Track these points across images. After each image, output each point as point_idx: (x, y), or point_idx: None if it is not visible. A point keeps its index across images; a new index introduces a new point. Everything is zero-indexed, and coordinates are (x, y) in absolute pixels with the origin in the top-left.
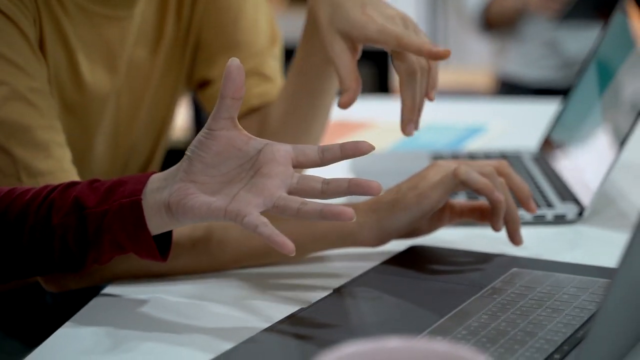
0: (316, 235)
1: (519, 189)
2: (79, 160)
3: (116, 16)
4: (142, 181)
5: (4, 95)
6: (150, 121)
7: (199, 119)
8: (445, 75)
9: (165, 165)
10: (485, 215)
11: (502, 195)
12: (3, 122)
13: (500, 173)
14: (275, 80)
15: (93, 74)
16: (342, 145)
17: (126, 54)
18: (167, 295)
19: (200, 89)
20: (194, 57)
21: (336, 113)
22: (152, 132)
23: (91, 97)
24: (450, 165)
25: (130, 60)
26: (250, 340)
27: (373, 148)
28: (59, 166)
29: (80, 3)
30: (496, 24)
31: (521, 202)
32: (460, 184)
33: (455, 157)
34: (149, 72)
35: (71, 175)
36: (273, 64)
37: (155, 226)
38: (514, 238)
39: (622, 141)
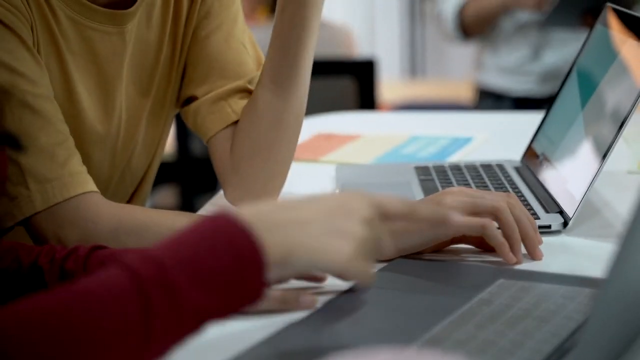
0: None
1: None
2: None
3: (107, 31)
4: None
5: (8, 102)
6: (146, 138)
7: (183, 133)
8: (427, 87)
9: (181, 171)
10: (487, 244)
11: (514, 259)
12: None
13: (510, 206)
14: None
15: (84, 87)
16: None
17: (120, 72)
18: None
19: (183, 105)
20: (182, 77)
21: (320, 127)
22: (148, 148)
23: (83, 109)
24: (469, 200)
25: (126, 80)
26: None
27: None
28: (66, 170)
29: (71, 16)
30: (473, 29)
31: (524, 241)
32: (480, 230)
33: (464, 183)
34: (145, 93)
35: (79, 178)
36: (251, 64)
37: None
38: (534, 255)
39: (605, 151)
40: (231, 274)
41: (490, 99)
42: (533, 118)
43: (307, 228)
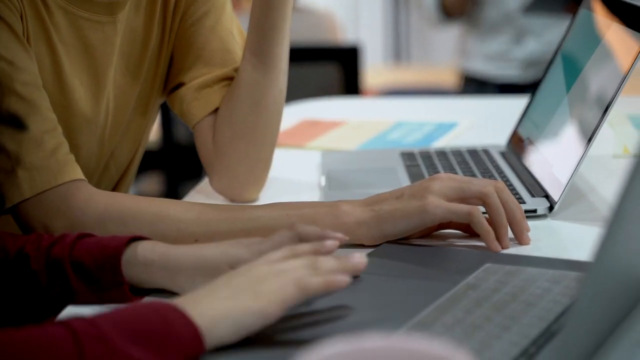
0: None
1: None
2: None
3: (99, 20)
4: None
5: None
6: (132, 126)
7: (167, 121)
8: (411, 72)
9: (167, 159)
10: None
11: (499, 247)
12: None
13: (497, 191)
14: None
15: (75, 76)
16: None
17: (111, 60)
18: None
19: (170, 92)
20: (170, 64)
21: (305, 113)
22: (134, 136)
23: (74, 98)
24: (456, 185)
25: (115, 68)
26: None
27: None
28: (54, 159)
29: (62, 5)
30: (454, 9)
31: (511, 226)
32: (466, 217)
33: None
34: (133, 80)
35: (67, 166)
36: (237, 49)
37: None
38: (521, 240)
39: (590, 136)
40: (160, 330)
41: (474, 85)
42: (518, 103)
43: (217, 294)
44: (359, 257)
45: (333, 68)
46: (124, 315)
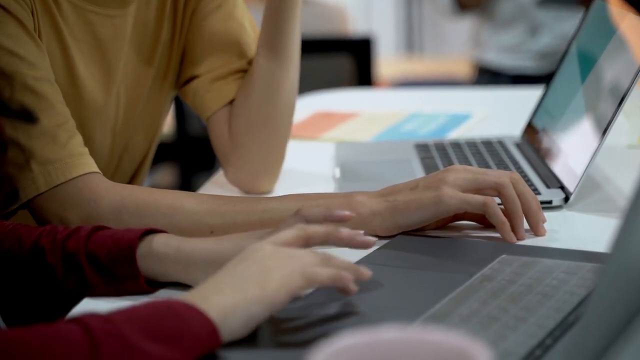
0: None
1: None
2: None
3: (108, 14)
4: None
5: (9, 85)
6: (145, 120)
7: (181, 113)
8: (424, 63)
9: (180, 151)
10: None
11: (515, 238)
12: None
13: (512, 182)
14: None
15: (87, 71)
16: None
17: (121, 54)
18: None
19: (183, 86)
20: (182, 58)
21: (318, 105)
22: (147, 130)
23: (86, 92)
24: (471, 176)
25: (126, 61)
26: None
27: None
28: (68, 151)
29: (72, 0)
30: (468, 2)
31: (527, 217)
32: (481, 208)
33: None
34: (144, 74)
35: (81, 159)
36: (250, 41)
37: None
38: (537, 231)
39: (605, 126)
40: (176, 327)
41: (488, 76)
42: (532, 94)
43: (225, 289)
44: (365, 269)
45: (346, 60)
46: (139, 312)
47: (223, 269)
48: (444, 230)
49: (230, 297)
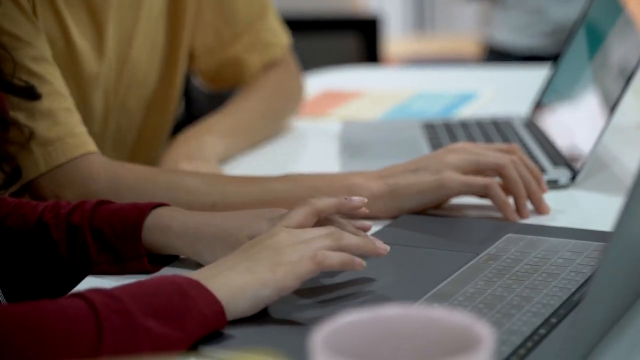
0: None
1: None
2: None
3: None
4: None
5: (9, 64)
6: (136, 81)
7: (188, 93)
8: (433, 42)
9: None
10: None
11: (517, 217)
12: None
13: (513, 161)
14: (276, 40)
15: (84, 39)
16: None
17: (111, 15)
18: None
19: (195, 60)
20: (191, 26)
21: (326, 83)
22: (140, 93)
23: (84, 61)
24: (472, 158)
25: (115, 20)
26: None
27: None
28: (68, 131)
29: None
30: None
31: (529, 197)
32: (483, 190)
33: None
34: (131, 30)
35: (80, 139)
36: (271, 25)
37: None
38: (540, 209)
39: (613, 105)
40: (182, 304)
41: (497, 55)
42: (540, 73)
43: (235, 269)
44: (382, 244)
45: (354, 38)
46: (144, 289)
47: (236, 251)
48: (450, 210)
49: (239, 277)
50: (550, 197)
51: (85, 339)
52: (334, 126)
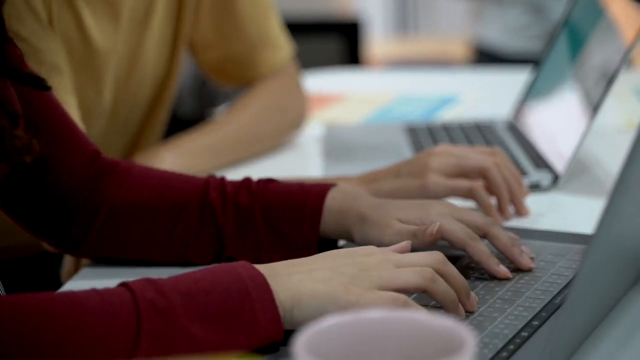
0: None
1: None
2: (88, 116)
3: None
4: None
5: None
6: (148, 74)
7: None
8: (416, 44)
9: (170, 133)
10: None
11: (501, 219)
12: None
13: (496, 164)
14: (282, 44)
15: (99, 30)
16: None
17: (127, 7)
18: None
19: (197, 53)
20: (192, 18)
21: (308, 86)
22: (150, 86)
23: (99, 52)
24: (455, 161)
25: (129, 14)
26: None
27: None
28: None
29: None
30: None
31: (511, 198)
32: (467, 193)
33: (451, 141)
34: (143, 26)
35: None
36: (277, 28)
37: None
38: (520, 211)
39: (594, 108)
40: (235, 307)
41: (487, 58)
42: (523, 76)
43: (313, 274)
44: (473, 300)
45: (336, 41)
46: (202, 284)
47: (325, 254)
48: None
49: (313, 285)
50: (532, 200)
51: (121, 343)
52: (316, 130)
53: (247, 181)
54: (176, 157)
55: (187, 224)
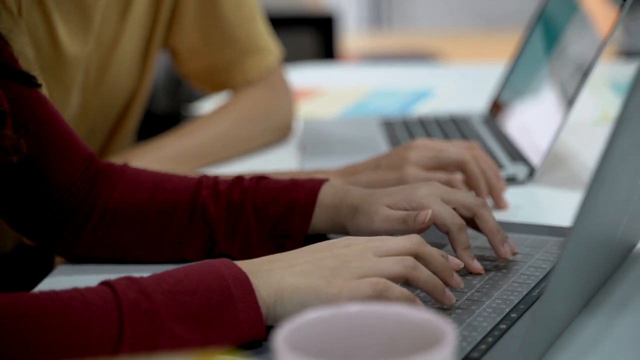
0: None
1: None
2: None
3: None
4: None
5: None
6: (119, 82)
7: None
8: (390, 38)
9: (144, 129)
10: None
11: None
12: None
13: (474, 157)
14: (269, 47)
15: (69, 35)
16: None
17: (98, 13)
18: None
19: (181, 62)
20: (169, 24)
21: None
22: (121, 93)
23: (67, 57)
24: (433, 154)
25: (101, 19)
26: None
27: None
28: None
29: None
30: None
31: (489, 191)
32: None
33: (427, 135)
34: (117, 31)
35: None
36: (263, 31)
37: None
38: (499, 203)
39: (570, 101)
40: (218, 306)
41: None
42: (498, 69)
43: (294, 269)
44: (451, 295)
45: (310, 35)
46: (185, 285)
47: (305, 249)
48: None
49: (294, 279)
50: (508, 193)
51: (102, 342)
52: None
53: (239, 178)
54: (145, 165)
55: (180, 224)
